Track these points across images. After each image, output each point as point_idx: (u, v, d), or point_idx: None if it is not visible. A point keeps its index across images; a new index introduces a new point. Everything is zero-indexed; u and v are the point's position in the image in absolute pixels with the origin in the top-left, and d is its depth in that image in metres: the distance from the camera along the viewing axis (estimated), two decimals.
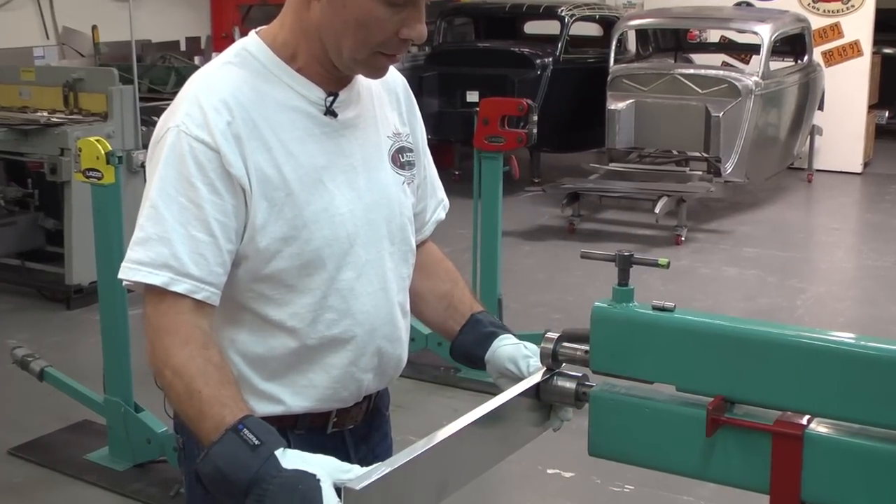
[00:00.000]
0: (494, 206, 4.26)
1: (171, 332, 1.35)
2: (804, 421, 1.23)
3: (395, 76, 1.61)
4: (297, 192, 1.42)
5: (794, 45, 7.97)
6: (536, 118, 4.28)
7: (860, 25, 8.45)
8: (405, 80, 1.66)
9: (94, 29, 7.39)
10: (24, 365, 3.65)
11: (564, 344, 1.41)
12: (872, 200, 8.00)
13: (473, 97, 7.22)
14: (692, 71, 7.36)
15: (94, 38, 7.41)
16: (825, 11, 8.53)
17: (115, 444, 3.53)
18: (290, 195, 1.42)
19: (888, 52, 9.36)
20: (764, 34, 7.21)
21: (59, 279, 5.26)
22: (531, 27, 8.89)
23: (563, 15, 7.96)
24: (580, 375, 1.43)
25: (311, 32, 1.43)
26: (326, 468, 1.21)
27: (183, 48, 8.03)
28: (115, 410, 3.48)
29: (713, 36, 8.85)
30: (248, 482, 1.21)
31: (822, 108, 8.23)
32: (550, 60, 7.74)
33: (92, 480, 3.46)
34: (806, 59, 7.98)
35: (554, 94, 7.65)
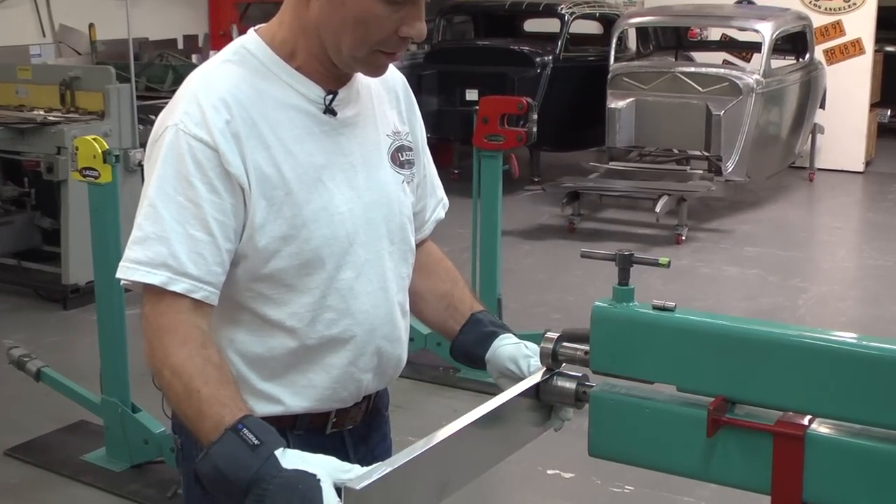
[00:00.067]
0: (494, 205, 4.25)
1: (169, 331, 1.35)
2: (805, 421, 1.23)
3: (394, 74, 1.60)
4: (296, 190, 1.42)
5: (795, 43, 7.96)
6: (536, 117, 4.27)
7: (862, 23, 8.44)
8: (405, 78, 1.65)
9: (90, 27, 7.38)
10: (20, 365, 3.64)
11: (564, 344, 1.41)
12: (874, 199, 7.99)
13: (473, 95, 7.21)
14: (693, 69, 7.35)
15: (90, 36, 7.39)
16: (827, 9, 8.52)
17: (112, 444, 3.52)
18: (289, 194, 1.41)
19: (890, 50, 9.36)
20: (765, 32, 7.21)
21: (55, 279, 5.25)
22: (531, 25, 8.88)
23: (563, 13, 7.95)
24: (580, 375, 1.42)
25: (310, 30, 1.43)
26: (327, 468, 1.21)
27: (180, 46, 8.02)
28: (112, 411, 3.48)
29: (714, 34, 8.85)
30: (247, 482, 1.21)
31: (823, 106, 8.22)
32: (550, 59, 7.73)
33: (89, 481, 3.45)
34: (807, 57, 7.98)
35: (554, 92, 7.64)
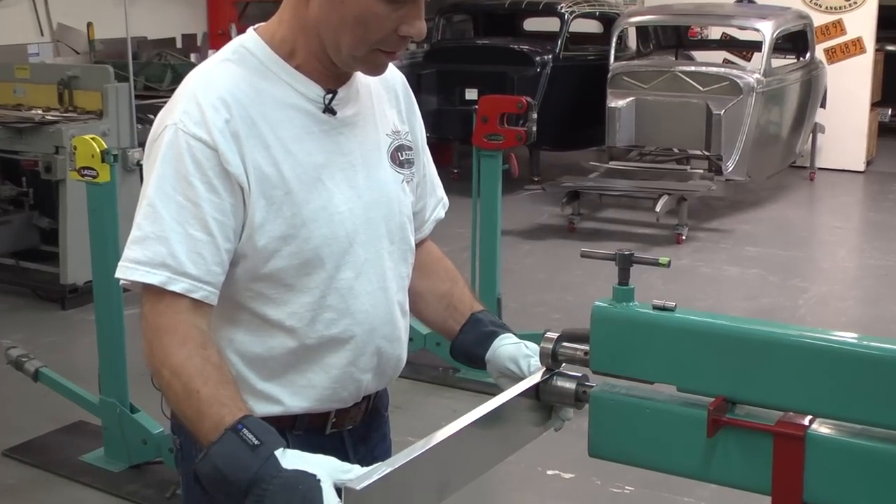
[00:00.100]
0: (493, 204, 4.25)
1: (168, 331, 1.35)
2: (806, 421, 1.22)
3: (394, 74, 1.60)
4: (295, 190, 1.42)
5: (796, 42, 7.95)
6: (536, 116, 4.26)
7: (863, 22, 8.43)
8: (404, 77, 1.65)
9: (89, 26, 7.36)
10: (18, 365, 3.63)
11: (564, 344, 1.40)
12: (875, 199, 7.99)
13: (472, 95, 7.21)
14: (693, 68, 7.34)
15: (89, 35, 7.39)
16: (827, 8, 8.52)
17: (110, 445, 3.51)
18: (288, 193, 1.41)
19: (891, 49, 9.35)
20: (766, 31, 7.20)
21: (53, 279, 5.24)
22: (531, 24, 8.87)
23: (562, 11, 7.94)
24: (580, 375, 1.42)
25: (309, 29, 1.42)
26: (327, 468, 1.21)
27: (179, 45, 8.02)
28: (110, 411, 3.47)
29: (714, 33, 8.84)
30: (247, 482, 1.21)
31: (824, 105, 8.21)
32: (550, 58, 7.72)
33: (87, 482, 3.44)
34: (808, 56, 7.97)
35: (554, 91, 7.64)
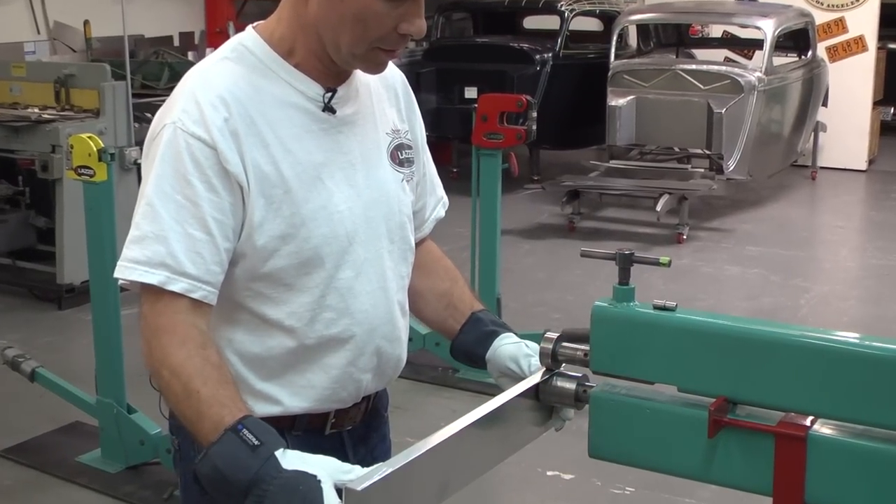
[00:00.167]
0: (493, 203, 4.24)
1: (168, 331, 1.34)
2: (807, 422, 1.22)
3: (393, 72, 1.59)
4: (295, 189, 1.41)
5: (797, 40, 7.94)
6: (536, 114, 4.26)
7: (865, 20, 8.42)
8: (404, 76, 1.64)
9: (85, 24, 7.35)
10: (14, 365, 3.62)
11: (564, 344, 1.40)
12: (877, 198, 7.98)
13: (472, 93, 7.20)
14: (694, 66, 7.34)
15: (85, 33, 7.37)
16: (829, 6, 8.51)
17: (107, 445, 3.50)
18: (288, 192, 1.41)
19: (893, 47, 9.32)
20: (767, 29, 7.19)
21: (50, 278, 5.22)
22: (530, 22, 8.86)
23: (562, 10, 7.93)
24: (580, 376, 1.41)
25: (308, 27, 1.42)
26: (327, 469, 1.20)
27: (176, 43, 8.01)
28: (107, 412, 3.45)
29: (715, 31, 8.84)
30: (247, 483, 1.20)
31: (826, 104, 8.20)
32: (550, 56, 7.71)
33: (84, 483, 3.43)
34: (810, 54, 7.95)
35: (554, 90, 7.63)
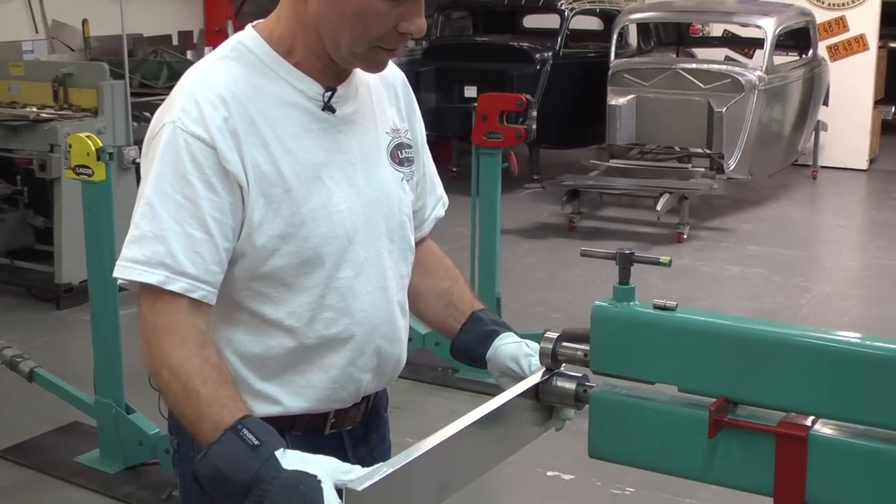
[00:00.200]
0: (493, 203, 4.23)
1: (167, 331, 1.34)
2: (808, 422, 1.22)
3: (393, 71, 1.59)
4: (294, 188, 1.41)
5: (798, 39, 7.93)
6: (536, 114, 4.25)
7: (866, 19, 8.41)
8: (404, 75, 1.64)
9: (84, 23, 7.34)
10: (12, 366, 3.61)
11: (564, 344, 1.40)
12: (878, 197, 7.97)
13: (472, 92, 7.20)
14: (694, 65, 7.33)
15: (84, 32, 7.37)
16: (830, 5, 8.50)
17: (105, 446, 3.49)
18: (287, 192, 1.40)
19: (894, 46, 9.31)
20: (768, 28, 7.18)
21: (48, 278, 5.21)
22: (530, 21, 8.86)
23: (562, 8, 7.93)
24: (580, 376, 1.41)
25: (308, 26, 1.42)
26: (327, 469, 1.20)
27: (175, 42, 8.00)
28: (105, 412, 3.44)
29: (716, 30, 8.84)
30: (247, 483, 1.20)
31: (826, 103, 8.20)
32: (550, 55, 7.71)
33: (82, 483, 3.42)
34: (811, 53, 7.95)
35: (553, 89, 7.62)
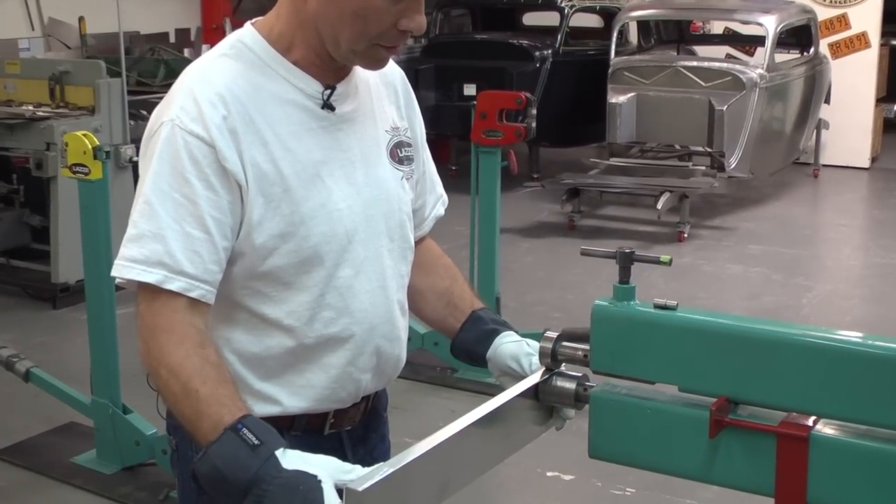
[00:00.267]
0: (492, 202, 4.22)
1: (166, 330, 1.34)
2: (810, 422, 1.21)
3: (393, 69, 1.59)
4: (294, 187, 1.40)
5: (799, 36, 7.92)
6: (535, 112, 4.25)
7: (868, 16, 8.39)
8: (403, 73, 1.63)
9: (80, 20, 7.34)
10: (8, 366, 3.61)
11: (564, 343, 1.39)
12: (880, 196, 7.96)
13: (471, 90, 7.19)
14: (695, 63, 7.32)
15: (80, 29, 7.37)
16: (832, 2, 8.49)
17: (102, 446, 3.48)
18: (287, 191, 1.40)
19: None
20: (769, 25, 7.17)
21: (44, 277, 5.20)
22: (530, 18, 8.86)
23: (562, 6, 7.92)
24: (580, 376, 1.41)
25: (307, 24, 1.41)
26: (328, 468, 1.20)
27: (172, 40, 7.99)
28: (102, 412, 3.43)
29: (717, 27, 8.82)
30: (247, 482, 1.20)
31: (828, 101, 8.19)
32: (550, 53, 7.70)
33: (79, 484, 3.41)
34: (812, 51, 7.94)
35: (553, 87, 7.61)
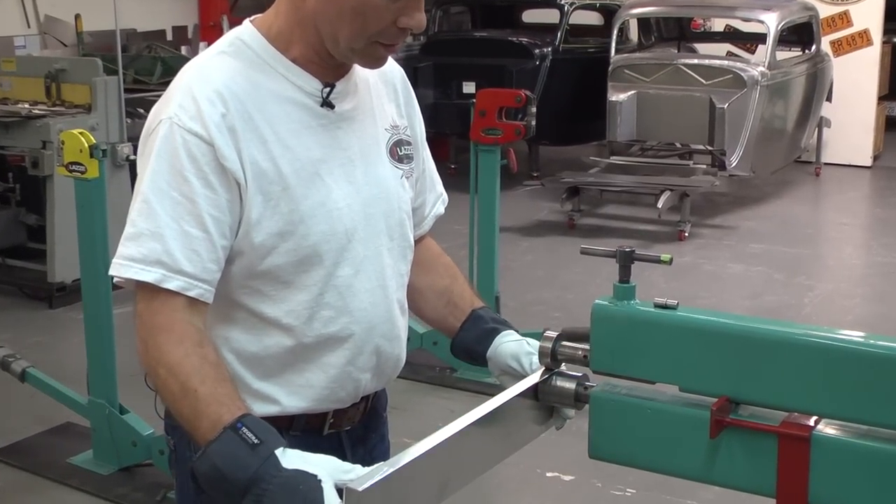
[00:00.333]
0: (492, 200, 4.22)
1: (164, 329, 1.33)
2: (811, 422, 1.21)
3: (392, 67, 1.58)
4: (293, 186, 1.40)
5: (801, 34, 7.92)
6: (535, 110, 4.25)
7: (870, 14, 8.38)
8: (403, 71, 1.63)
9: (77, 18, 7.34)
10: (5, 366, 3.60)
11: (564, 343, 1.39)
12: (882, 195, 7.96)
13: (470, 88, 7.19)
14: (696, 61, 7.32)
15: (77, 27, 7.37)
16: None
17: (99, 447, 3.47)
18: (286, 189, 1.40)
19: None
20: (770, 23, 7.16)
21: (41, 277, 5.19)
22: (530, 16, 8.85)
23: (562, 3, 7.91)
24: (580, 375, 1.40)
25: (306, 21, 1.41)
26: (328, 468, 1.20)
27: (169, 38, 7.98)
28: (99, 412, 3.43)
29: (718, 25, 8.82)
30: (246, 482, 1.19)
31: (830, 99, 8.18)
32: (549, 50, 7.69)
33: (75, 485, 3.41)
34: (814, 48, 7.93)
35: (553, 84, 7.61)
